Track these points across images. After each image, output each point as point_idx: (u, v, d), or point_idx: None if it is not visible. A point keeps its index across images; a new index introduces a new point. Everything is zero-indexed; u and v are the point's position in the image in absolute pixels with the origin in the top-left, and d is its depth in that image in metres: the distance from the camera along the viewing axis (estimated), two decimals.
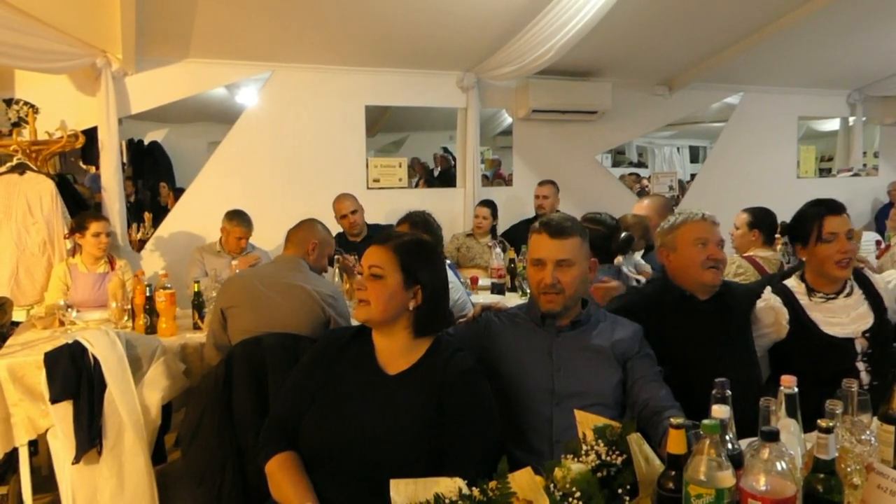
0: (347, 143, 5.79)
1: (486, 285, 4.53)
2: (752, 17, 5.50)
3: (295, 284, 3.03)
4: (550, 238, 2.12)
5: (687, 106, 7.18)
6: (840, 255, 2.44)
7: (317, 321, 3.00)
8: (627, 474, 1.52)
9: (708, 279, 2.42)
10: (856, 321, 2.47)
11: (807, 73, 7.10)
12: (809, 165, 8.19)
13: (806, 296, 2.53)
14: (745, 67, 6.59)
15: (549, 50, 4.97)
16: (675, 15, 5.25)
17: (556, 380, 2.07)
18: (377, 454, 1.79)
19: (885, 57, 6.86)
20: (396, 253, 1.91)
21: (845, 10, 5.39)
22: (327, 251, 3.41)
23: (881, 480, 1.45)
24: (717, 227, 2.48)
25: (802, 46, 6.23)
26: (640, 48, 5.87)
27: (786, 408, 1.57)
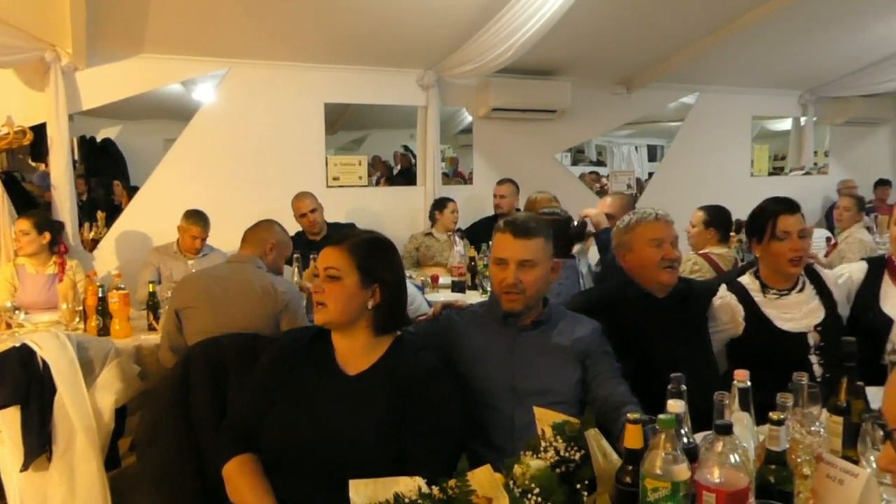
0: (306, 140, 5.73)
1: (447, 283, 4.53)
2: (708, 19, 5.60)
3: (252, 284, 2.98)
4: (514, 238, 2.12)
5: (645, 105, 7.28)
6: (792, 252, 2.49)
7: (275, 321, 2.96)
8: (586, 469, 1.53)
9: (664, 279, 2.46)
10: (808, 316, 2.53)
11: (760, 73, 7.25)
12: (763, 164, 8.38)
13: (760, 292, 2.57)
14: (701, 68, 6.71)
15: (509, 49, 4.99)
16: (632, 15, 5.31)
17: (518, 378, 2.08)
18: (338, 455, 1.77)
19: (835, 59, 7.05)
20: (352, 253, 1.89)
21: (798, 13, 5.53)
22: (285, 253, 3.38)
23: (830, 470, 1.48)
24: (672, 225, 2.52)
25: (756, 48, 6.36)
26: (599, 48, 5.93)
27: (739, 401, 1.59)
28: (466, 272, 4.52)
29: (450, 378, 1.95)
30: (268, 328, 2.89)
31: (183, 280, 3.28)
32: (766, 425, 1.43)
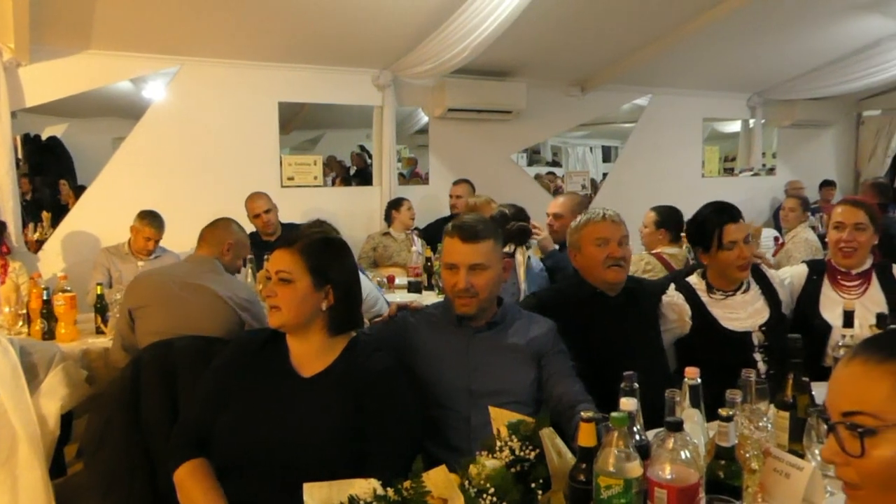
0: (260, 140, 5.65)
1: (403, 284, 4.52)
2: (660, 22, 5.69)
3: (208, 287, 2.93)
4: (463, 242, 2.11)
5: (599, 107, 7.36)
6: (741, 260, 2.55)
7: (231, 325, 2.91)
8: (541, 468, 1.54)
9: (610, 277, 2.48)
10: (753, 316, 2.59)
11: (711, 76, 7.40)
12: (714, 165, 8.56)
13: (706, 293, 2.63)
14: (654, 70, 6.81)
15: (465, 49, 5.00)
16: (586, 18, 5.38)
17: (473, 379, 2.08)
18: (292, 459, 1.75)
19: (782, 63, 7.25)
20: (303, 255, 1.87)
21: (747, 18, 5.67)
22: (242, 253, 3.32)
23: (777, 464, 1.52)
24: (621, 224, 2.54)
25: (707, 51, 6.49)
26: (554, 50, 5.98)
27: (689, 398, 1.62)
28: (423, 272, 4.51)
29: (405, 379, 1.94)
30: (223, 332, 2.84)
31: (138, 278, 3.19)
32: (716, 421, 1.46)
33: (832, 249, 2.83)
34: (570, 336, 2.26)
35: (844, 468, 1.05)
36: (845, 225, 2.75)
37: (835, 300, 2.72)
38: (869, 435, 1.01)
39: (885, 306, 2.68)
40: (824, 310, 2.74)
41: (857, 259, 2.76)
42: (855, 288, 2.76)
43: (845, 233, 2.74)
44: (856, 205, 2.82)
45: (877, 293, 2.73)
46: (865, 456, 1.01)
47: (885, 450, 1.00)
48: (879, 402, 1.02)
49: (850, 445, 1.03)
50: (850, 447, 1.03)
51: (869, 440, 1.01)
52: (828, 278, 2.81)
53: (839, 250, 2.77)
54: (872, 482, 1.02)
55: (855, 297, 2.71)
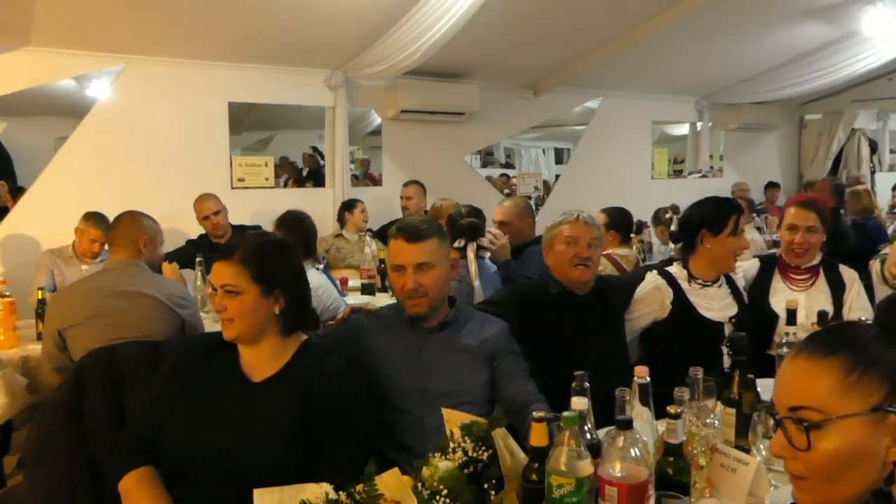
0: (210, 140, 5.55)
1: (357, 286, 4.48)
2: (611, 26, 5.78)
3: (143, 293, 2.86)
4: (407, 243, 2.11)
5: (551, 109, 7.44)
6: (741, 250, 2.69)
7: (173, 327, 2.85)
8: (494, 469, 1.54)
9: (575, 275, 2.54)
10: (725, 308, 2.70)
11: (660, 80, 7.55)
12: (663, 167, 8.73)
13: (686, 281, 2.72)
14: (605, 73, 6.91)
15: (417, 51, 4.99)
16: (538, 21, 5.43)
17: (427, 380, 2.08)
18: (244, 465, 1.72)
19: (728, 67, 7.43)
20: (245, 265, 1.82)
21: (694, 23, 5.80)
22: (159, 241, 3.20)
23: (724, 459, 1.55)
24: (593, 227, 2.63)
25: (656, 55, 6.62)
26: (506, 52, 6.02)
27: (639, 397, 1.65)
28: (376, 274, 4.49)
29: (358, 381, 1.93)
30: (165, 336, 2.78)
31: (59, 295, 3.05)
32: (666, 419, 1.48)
33: (784, 249, 2.94)
34: (533, 333, 2.31)
35: (792, 462, 1.07)
36: (798, 227, 2.86)
37: (784, 291, 2.86)
38: (814, 428, 1.04)
39: (830, 299, 2.81)
40: (773, 300, 2.86)
41: (809, 259, 2.89)
42: (803, 281, 2.89)
43: (798, 235, 2.85)
44: (808, 207, 2.91)
45: (822, 287, 2.87)
46: (812, 449, 1.04)
47: (829, 442, 1.03)
48: (823, 397, 1.04)
49: (797, 439, 1.05)
50: (797, 441, 1.05)
51: (814, 433, 1.03)
52: (778, 271, 2.94)
53: (792, 251, 2.88)
54: (818, 474, 1.05)
55: (803, 289, 2.85)
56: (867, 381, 1.03)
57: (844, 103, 8.98)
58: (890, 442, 1.03)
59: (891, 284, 3.00)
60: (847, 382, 1.04)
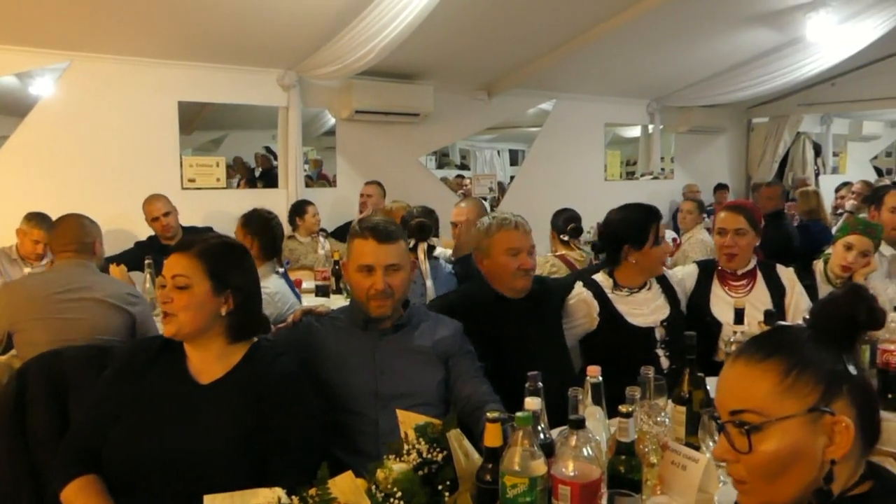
0: (159, 140, 5.42)
1: (311, 287, 4.44)
2: (565, 29, 5.85)
3: (92, 293, 2.80)
4: (379, 243, 2.09)
5: (505, 111, 7.48)
6: (666, 255, 2.71)
7: (124, 325, 2.79)
8: (448, 470, 1.54)
9: (519, 285, 2.53)
10: (655, 312, 2.70)
11: (612, 82, 7.65)
12: (615, 169, 8.86)
13: (612, 290, 2.71)
14: (558, 75, 6.98)
15: (371, 51, 4.97)
16: (492, 23, 5.46)
17: (381, 382, 2.06)
18: (192, 470, 1.68)
19: (679, 71, 7.58)
20: (201, 259, 1.80)
21: (646, 27, 5.90)
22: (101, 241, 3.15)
23: (674, 457, 1.58)
24: (530, 234, 2.59)
25: (608, 58, 6.71)
26: (460, 53, 6.04)
27: (591, 396, 1.66)
28: (331, 276, 4.44)
29: (309, 384, 1.91)
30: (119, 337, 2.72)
31: (7, 294, 2.96)
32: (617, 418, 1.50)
33: (718, 253, 2.99)
34: (477, 338, 2.28)
35: (735, 465, 1.09)
36: (727, 230, 2.90)
37: (724, 298, 2.88)
38: (755, 431, 1.06)
39: (770, 302, 2.84)
40: (714, 308, 2.88)
41: (740, 261, 2.91)
42: (742, 287, 2.91)
43: (727, 238, 2.90)
44: (736, 210, 2.96)
45: (762, 291, 2.90)
46: (753, 451, 1.06)
47: (769, 444, 1.05)
48: (762, 399, 1.06)
49: (738, 443, 1.07)
50: (738, 444, 1.07)
51: (755, 436, 1.06)
52: (717, 278, 2.95)
53: (723, 254, 2.93)
54: (759, 475, 1.07)
55: (742, 296, 2.86)
56: (803, 382, 1.06)
57: (790, 107, 9.23)
58: (826, 441, 1.05)
59: (834, 284, 3.08)
60: (784, 385, 1.06)
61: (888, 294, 3.03)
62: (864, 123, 10.77)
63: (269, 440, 1.74)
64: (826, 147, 10.50)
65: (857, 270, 3.00)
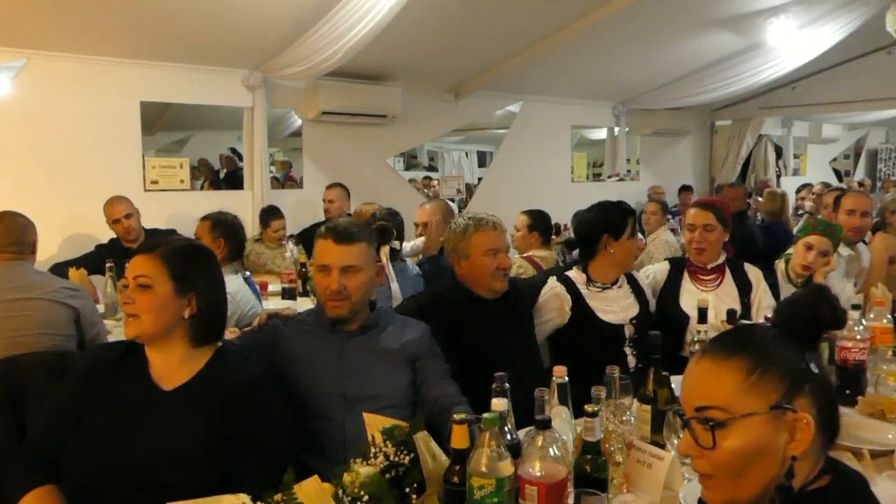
0: (121, 141, 5.32)
1: (277, 290, 4.39)
2: (531, 31, 5.88)
3: (31, 293, 2.77)
4: (336, 244, 2.09)
5: (472, 112, 7.50)
6: (637, 251, 2.76)
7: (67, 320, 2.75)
8: (416, 472, 1.53)
9: (498, 286, 2.54)
10: (625, 310, 2.75)
11: (579, 85, 7.72)
12: (582, 171, 8.94)
13: (585, 285, 2.76)
14: (525, 78, 7.02)
15: (338, 52, 4.95)
16: (459, 24, 5.47)
17: (348, 385, 2.05)
18: (155, 478, 1.65)
19: (644, 74, 7.67)
20: (165, 260, 1.77)
21: (612, 30, 5.97)
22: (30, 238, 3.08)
23: (640, 455, 1.59)
24: (506, 233, 2.62)
25: (575, 61, 6.77)
26: (428, 55, 6.04)
27: (558, 396, 1.67)
28: (297, 279, 4.41)
29: (276, 389, 1.89)
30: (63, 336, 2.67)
31: None
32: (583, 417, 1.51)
33: (687, 248, 3.10)
34: (448, 339, 2.28)
35: (699, 461, 1.11)
36: (696, 226, 3.01)
37: (693, 292, 2.97)
38: (719, 427, 1.07)
39: (737, 297, 2.94)
40: (683, 301, 2.97)
41: (709, 255, 3.01)
42: (711, 281, 3.01)
43: (696, 233, 3.00)
44: (705, 207, 3.08)
45: (730, 286, 2.99)
46: (717, 447, 1.07)
47: (733, 440, 1.07)
48: (727, 396, 1.08)
49: (703, 439, 1.09)
50: (703, 440, 1.09)
51: (719, 432, 1.07)
52: (687, 272, 3.05)
53: (693, 249, 3.03)
54: (723, 471, 1.08)
55: (711, 290, 2.97)
56: (767, 380, 1.08)
57: (752, 110, 9.41)
58: (788, 438, 1.07)
59: (795, 283, 3.16)
60: (749, 382, 1.08)
61: (846, 293, 3.10)
62: (823, 126, 11.03)
63: (236, 446, 1.72)
64: (787, 149, 10.72)
65: (817, 270, 3.08)
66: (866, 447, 1.80)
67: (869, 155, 13.09)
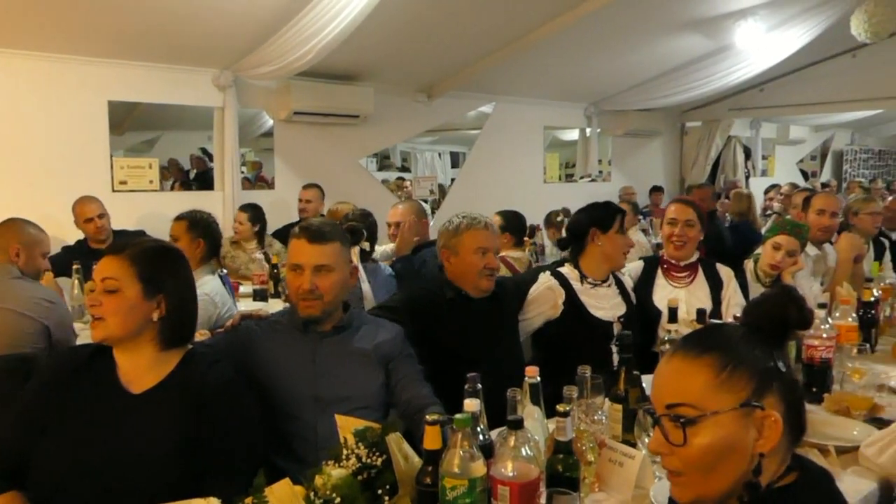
0: (88, 141, 5.23)
1: (249, 292, 4.35)
2: (504, 32, 5.90)
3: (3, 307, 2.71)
4: (309, 243, 2.08)
5: (445, 113, 7.50)
6: (628, 248, 2.86)
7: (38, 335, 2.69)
8: (388, 474, 1.53)
9: (484, 285, 2.57)
10: (614, 308, 2.81)
11: (551, 86, 7.76)
12: (555, 171, 8.99)
13: (578, 281, 2.80)
14: (498, 78, 7.04)
15: (310, 51, 4.92)
16: (432, 25, 5.47)
17: (320, 386, 2.04)
18: (123, 483, 1.63)
19: (615, 75, 7.73)
20: (133, 262, 1.74)
21: (584, 31, 6.01)
22: (39, 250, 3.06)
23: (611, 454, 1.60)
24: (496, 234, 2.67)
25: (547, 62, 6.80)
26: (400, 55, 6.03)
27: (530, 396, 1.67)
28: (269, 280, 4.37)
29: (247, 391, 1.87)
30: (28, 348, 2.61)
31: None
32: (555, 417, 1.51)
33: (665, 243, 3.13)
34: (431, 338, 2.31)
35: (669, 458, 1.12)
36: (678, 221, 3.04)
37: (666, 288, 3.02)
38: (690, 424, 1.08)
39: (709, 295, 2.99)
40: (656, 297, 3.01)
41: (687, 251, 3.05)
42: (684, 278, 3.05)
43: (678, 228, 3.04)
44: (686, 204, 3.14)
45: (702, 283, 3.04)
46: (687, 444, 1.08)
47: (703, 437, 1.08)
48: (698, 393, 1.09)
49: (673, 436, 1.10)
50: (673, 437, 1.10)
51: (690, 429, 1.08)
52: (661, 269, 3.09)
53: (671, 243, 3.06)
54: (694, 468, 1.09)
55: (683, 286, 3.02)
56: (736, 378, 1.09)
57: (721, 112, 9.53)
58: (756, 435, 1.08)
59: (763, 283, 3.21)
60: (719, 380, 1.09)
61: (813, 292, 3.16)
62: (790, 128, 11.22)
63: (207, 450, 1.70)
64: (755, 150, 10.88)
65: (785, 269, 3.13)
66: (832, 444, 1.83)
67: (835, 156, 13.35)
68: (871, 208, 4.23)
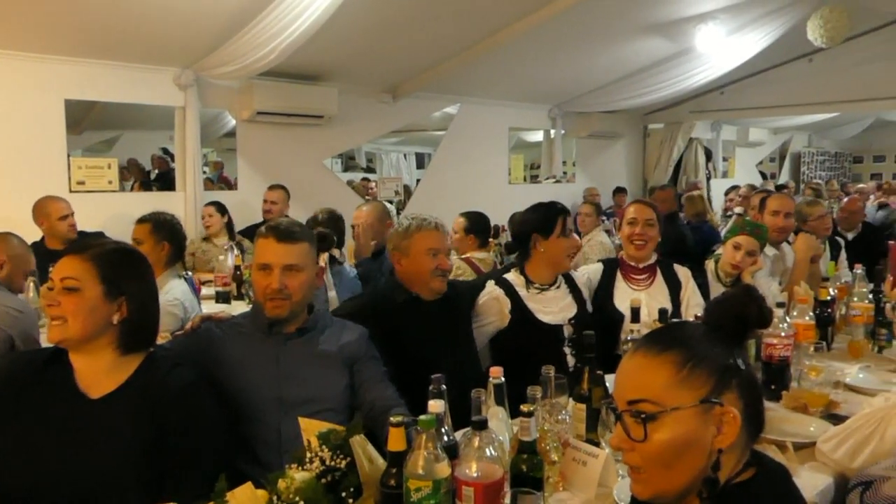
0: (43, 140, 5.11)
1: (211, 294, 4.29)
2: (468, 33, 5.91)
3: None
4: (278, 242, 2.06)
5: (410, 114, 7.49)
6: (573, 249, 2.84)
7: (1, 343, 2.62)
8: (352, 477, 1.52)
9: (436, 286, 2.55)
10: (563, 310, 2.79)
11: (515, 87, 7.79)
12: (519, 172, 9.03)
13: (524, 287, 2.78)
14: (463, 79, 7.04)
15: (273, 51, 4.87)
16: (396, 25, 5.45)
17: (284, 388, 2.03)
18: (82, 490, 1.60)
19: (579, 77, 7.80)
20: (95, 262, 1.71)
21: (548, 33, 6.05)
22: (23, 268, 3.00)
23: (575, 454, 1.61)
24: (447, 235, 2.65)
25: (512, 63, 6.83)
26: (364, 55, 6.00)
27: (494, 397, 1.68)
28: (231, 281, 4.31)
29: (209, 394, 1.85)
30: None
31: None
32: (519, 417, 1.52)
33: (625, 243, 3.13)
34: (387, 340, 2.28)
35: (630, 453, 1.14)
36: (638, 221, 3.06)
37: (627, 291, 3.02)
38: (651, 420, 1.10)
39: (668, 296, 3.01)
40: (617, 300, 3.01)
41: (647, 251, 3.07)
42: (643, 280, 3.07)
43: (638, 227, 3.05)
44: (646, 204, 3.17)
45: (661, 285, 3.06)
46: (647, 440, 1.10)
47: (664, 433, 1.09)
48: (659, 389, 1.11)
49: (634, 431, 1.11)
50: (634, 433, 1.11)
51: (651, 425, 1.10)
52: (620, 273, 3.10)
53: (632, 243, 3.07)
54: (654, 463, 1.11)
55: (643, 289, 3.03)
56: (697, 375, 1.11)
57: (683, 114, 9.67)
58: (715, 431, 1.10)
59: (724, 282, 3.26)
60: (680, 377, 1.11)
61: (772, 291, 3.22)
62: (750, 130, 11.44)
63: (167, 455, 1.67)
64: (716, 152, 11.07)
65: (745, 269, 3.18)
66: (790, 440, 1.87)
67: (793, 158, 13.65)
68: (818, 213, 4.32)
